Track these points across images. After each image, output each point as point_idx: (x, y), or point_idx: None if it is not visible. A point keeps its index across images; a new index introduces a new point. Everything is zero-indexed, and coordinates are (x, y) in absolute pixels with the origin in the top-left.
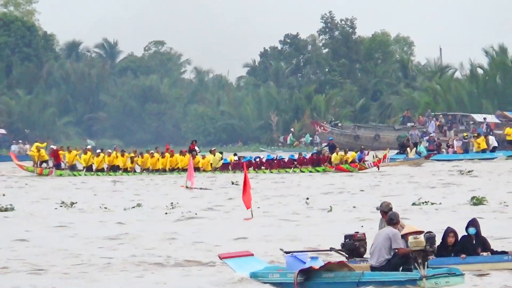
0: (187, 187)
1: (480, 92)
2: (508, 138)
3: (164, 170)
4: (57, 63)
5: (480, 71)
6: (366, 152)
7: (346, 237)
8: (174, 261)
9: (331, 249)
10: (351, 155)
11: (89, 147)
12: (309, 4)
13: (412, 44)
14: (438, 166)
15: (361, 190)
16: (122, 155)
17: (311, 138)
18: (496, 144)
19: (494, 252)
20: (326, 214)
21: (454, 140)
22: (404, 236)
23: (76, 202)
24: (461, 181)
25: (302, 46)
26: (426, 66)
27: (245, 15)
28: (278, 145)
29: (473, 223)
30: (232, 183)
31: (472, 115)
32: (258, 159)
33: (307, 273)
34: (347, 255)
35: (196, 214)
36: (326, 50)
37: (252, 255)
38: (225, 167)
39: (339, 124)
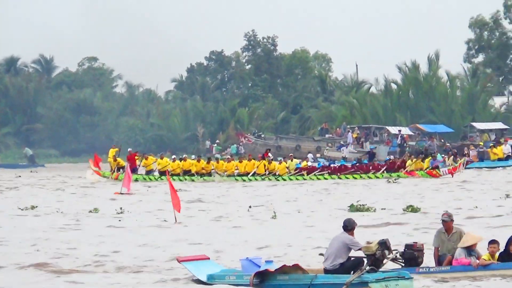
0: (121, 193)
1: (394, 106)
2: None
3: (239, 175)
4: None
5: (394, 86)
6: (439, 160)
7: (406, 246)
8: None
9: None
10: (426, 162)
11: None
12: (233, 23)
13: (330, 60)
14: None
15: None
16: (198, 161)
17: (237, 149)
18: (510, 153)
19: None
20: (269, 219)
21: (470, 149)
22: (471, 247)
23: (36, 206)
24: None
25: (227, 62)
26: (343, 81)
27: (173, 33)
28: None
29: None
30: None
31: (387, 127)
32: (332, 164)
33: (263, 276)
34: (403, 264)
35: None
36: (249, 66)
37: (209, 258)
38: (299, 172)
39: (262, 135)
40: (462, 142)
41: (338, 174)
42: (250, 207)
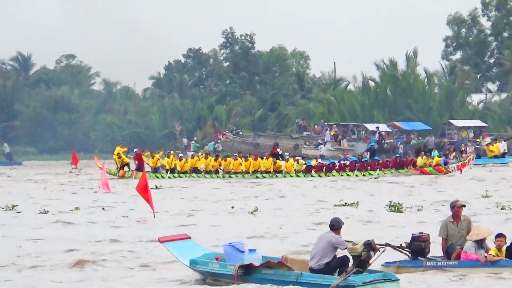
0: (105, 190)
1: (372, 103)
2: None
3: (246, 173)
4: None
5: (371, 83)
6: (451, 156)
7: (413, 237)
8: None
9: (386, 244)
10: (435, 159)
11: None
12: (211, 20)
13: (308, 58)
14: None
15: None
16: (206, 158)
17: (214, 146)
18: (506, 150)
19: None
20: (249, 215)
21: (467, 146)
22: (482, 241)
23: (17, 205)
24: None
25: (204, 60)
26: (321, 78)
27: (151, 30)
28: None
29: None
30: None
31: (365, 124)
32: (342, 162)
33: (247, 268)
34: (410, 254)
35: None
36: (227, 63)
37: (190, 238)
38: (308, 169)
39: (240, 133)
40: (441, 140)
41: (345, 171)
42: (232, 207)
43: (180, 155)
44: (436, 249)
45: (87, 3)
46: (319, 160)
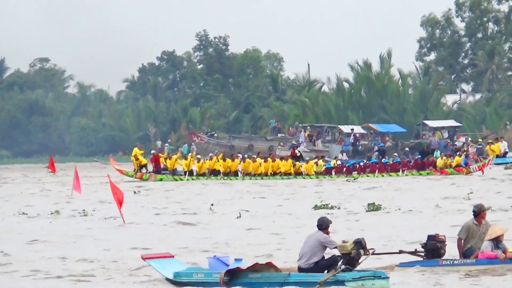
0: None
1: (346, 105)
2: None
3: (266, 174)
4: None
5: (346, 85)
6: (471, 157)
7: (428, 237)
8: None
9: (400, 252)
10: (456, 160)
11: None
12: (184, 23)
13: (282, 60)
14: None
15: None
16: (224, 160)
17: (189, 148)
18: (507, 150)
19: None
20: (235, 220)
21: (469, 146)
22: (498, 239)
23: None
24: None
25: (178, 62)
26: (295, 80)
27: (125, 33)
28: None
29: None
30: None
31: (340, 126)
32: (362, 163)
33: (233, 274)
34: (424, 256)
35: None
36: (201, 66)
37: (173, 256)
38: (328, 171)
39: (215, 135)
40: (415, 141)
41: (365, 172)
42: (212, 205)
43: (198, 156)
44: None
45: (61, 6)
46: (339, 162)
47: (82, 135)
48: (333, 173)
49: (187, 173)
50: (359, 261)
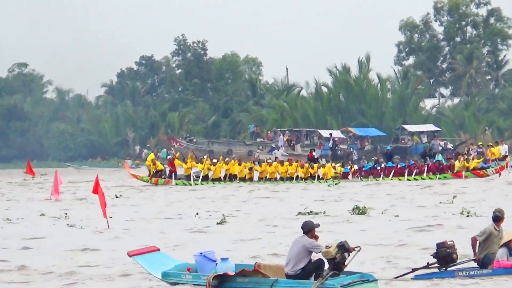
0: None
1: (325, 109)
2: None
3: (281, 179)
4: None
5: (324, 89)
6: (489, 159)
7: (438, 245)
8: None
9: (413, 270)
10: (473, 162)
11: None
12: (163, 28)
13: (260, 64)
14: None
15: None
16: (240, 164)
17: (167, 153)
18: (507, 153)
19: None
20: (217, 225)
21: (471, 149)
22: (508, 243)
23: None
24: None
25: (157, 67)
26: (273, 85)
27: (103, 38)
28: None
29: None
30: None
31: (319, 130)
32: (379, 167)
33: (222, 277)
34: (439, 265)
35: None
36: (180, 70)
37: (159, 250)
38: (346, 175)
39: (194, 140)
40: (395, 145)
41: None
42: (197, 213)
43: (214, 160)
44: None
45: (40, 11)
46: (355, 166)
47: (60, 140)
48: (349, 177)
49: (201, 177)
50: (346, 263)
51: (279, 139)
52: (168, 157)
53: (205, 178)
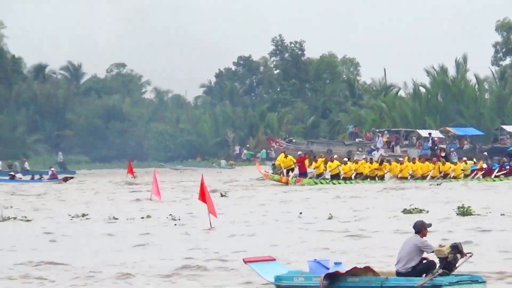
0: (151, 199)
1: (423, 109)
2: None
3: (412, 177)
4: (25, 84)
5: (422, 89)
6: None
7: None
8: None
9: None
10: None
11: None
12: (260, 28)
13: (358, 65)
14: None
15: None
16: (371, 163)
17: (267, 153)
18: None
19: None
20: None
21: None
22: None
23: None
24: None
25: (255, 67)
26: (371, 85)
27: (201, 38)
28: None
29: None
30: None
31: (418, 130)
32: (508, 166)
33: (333, 277)
34: None
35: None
36: (277, 71)
37: (274, 259)
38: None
39: (293, 140)
40: (493, 145)
41: None
42: (300, 213)
43: (345, 159)
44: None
45: (138, 12)
46: (484, 165)
47: (160, 141)
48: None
49: (331, 176)
50: (456, 265)
51: (378, 140)
52: (299, 153)
53: (334, 177)
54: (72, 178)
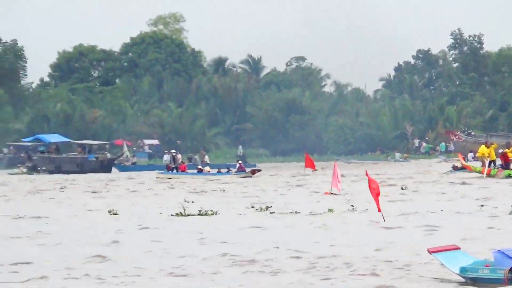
0: (331, 193)
1: None
2: None
3: None
4: (205, 78)
5: None
6: None
7: None
8: None
9: None
10: None
11: None
12: (439, 22)
13: None
14: None
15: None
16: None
17: (446, 146)
18: None
19: None
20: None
21: None
22: None
23: (270, 206)
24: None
25: (434, 61)
26: None
27: (381, 32)
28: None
29: None
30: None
31: None
32: None
33: None
34: None
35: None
36: (456, 64)
37: (459, 248)
38: None
39: (472, 133)
40: None
41: None
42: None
43: None
44: None
45: (317, 5)
46: None
47: (339, 134)
48: None
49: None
50: None
51: None
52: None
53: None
54: (259, 171)
